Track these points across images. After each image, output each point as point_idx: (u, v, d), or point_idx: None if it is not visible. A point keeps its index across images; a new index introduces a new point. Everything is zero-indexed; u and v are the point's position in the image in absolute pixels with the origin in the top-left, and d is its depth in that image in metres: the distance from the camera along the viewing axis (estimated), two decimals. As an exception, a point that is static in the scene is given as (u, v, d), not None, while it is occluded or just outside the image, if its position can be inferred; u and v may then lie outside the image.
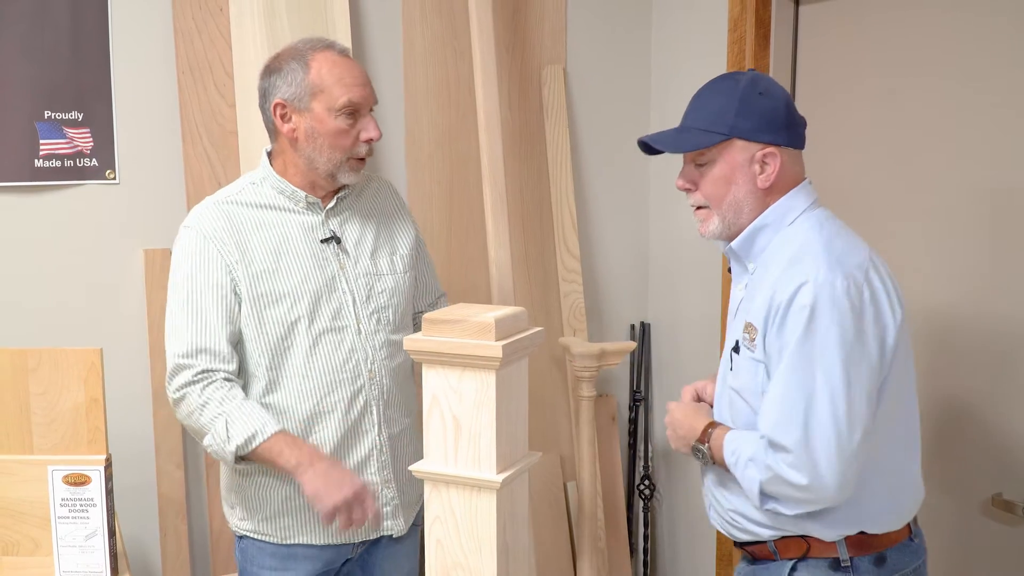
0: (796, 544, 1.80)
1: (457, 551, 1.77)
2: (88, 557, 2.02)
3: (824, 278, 1.68)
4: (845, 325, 1.66)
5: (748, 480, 1.74)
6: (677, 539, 3.33)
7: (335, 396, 2.10)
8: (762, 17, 2.79)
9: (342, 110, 2.04)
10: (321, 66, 2.05)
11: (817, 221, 1.81)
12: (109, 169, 2.59)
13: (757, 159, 1.80)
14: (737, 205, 1.83)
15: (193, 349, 2.01)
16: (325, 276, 2.10)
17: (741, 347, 1.81)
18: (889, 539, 1.79)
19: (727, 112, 1.80)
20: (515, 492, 1.80)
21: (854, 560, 1.77)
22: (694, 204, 1.88)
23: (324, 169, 2.08)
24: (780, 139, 1.80)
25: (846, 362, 1.66)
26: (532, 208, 3.11)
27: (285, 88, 2.05)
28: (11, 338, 2.39)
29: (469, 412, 1.73)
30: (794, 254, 1.75)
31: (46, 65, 2.49)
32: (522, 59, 3.08)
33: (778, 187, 1.83)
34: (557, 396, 3.17)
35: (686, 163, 1.88)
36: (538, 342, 1.83)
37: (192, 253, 2.06)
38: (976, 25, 2.34)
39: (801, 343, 1.67)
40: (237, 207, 2.10)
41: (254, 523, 2.14)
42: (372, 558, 2.23)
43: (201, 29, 2.62)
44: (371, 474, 2.14)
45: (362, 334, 2.13)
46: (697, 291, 3.11)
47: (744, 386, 1.81)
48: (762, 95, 1.81)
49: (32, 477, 2.01)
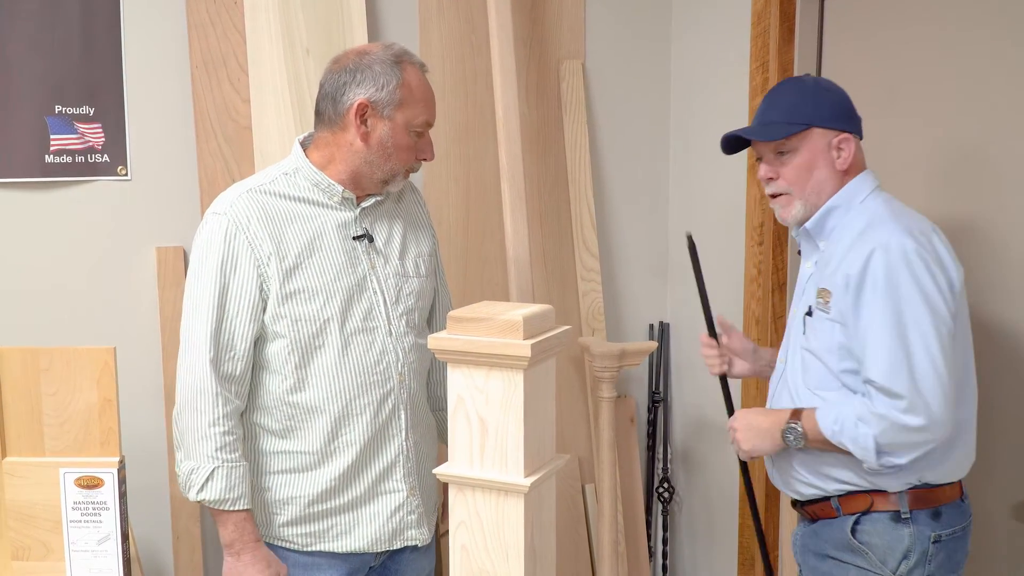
0: (861, 499, 1.96)
1: (483, 557, 1.71)
2: (101, 562, 1.98)
3: (896, 241, 1.87)
4: (921, 280, 1.84)
5: (862, 438, 1.86)
6: (696, 543, 3.28)
7: (365, 398, 2.04)
8: (787, 10, 2.74)
9: (418, 128, 2.04)
10: (411, 79, 2.03)
11: (883, 200, 2.01)
12: (121, 165, 2.54)
13: (834, 145, 2.01)
14: (819, 188, 2.03)
15: (219, 376, 1.96)
16: (357, 275, 2.05)
17: (815, 311, 2.00)
18: (944, 495, 1.96)
19: (802, 105, 2.02)
20: (543, 496, 1.75)
21: (913, 512, 1.93)
22: (773, 192, 2.07)
23: (380, 176, 2.05)
24: (850, 127, 2.03)
25: (930, 312, 1.84)
26: (550, 206, 3.07)
27: (375, 91, 2.00)
28: (22, 337, 2.35)
29: (496, 413, 1.67)
30: (865, 226, 1.95)
31: (57, 58, 2.45)
32: (540, 54, 3.03)
33: (851, 170, 2.03)
34: (575, 397, 3.12)
35: (766, 155, 2.06)
36: (565, 341, 1.78)
37: (220, 244, 1.97)
38: (1008, 17, 2.29)
39: (887, 300, 1.85)
40: (270, 197, 2.02)
41: (275, 528, 2.08)
42: (395, 565, 2.17)
43: (215, 23, 2.58)
44: (396, 481, 2.09)
45: (392, 335, 2.07)
46: (717, 291, 3.06)
47: (819, 346, 1.98)
48: (828, 91, 2.06)
49: (43, 480, 1.97)
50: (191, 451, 1.96)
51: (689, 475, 3.28)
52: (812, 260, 2.08)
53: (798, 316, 2.07)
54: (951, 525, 1.96)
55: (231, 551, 2.00)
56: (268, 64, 2.59)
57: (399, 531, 2.10)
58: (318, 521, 2.06)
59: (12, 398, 1.97)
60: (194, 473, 1.95)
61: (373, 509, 2.07)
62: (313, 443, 2.03)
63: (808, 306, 2.02)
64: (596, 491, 2.99)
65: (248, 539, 1.99)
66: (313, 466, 2.04)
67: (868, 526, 1.96)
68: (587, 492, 3.12)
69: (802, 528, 2.12)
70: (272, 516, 2.07)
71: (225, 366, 1.96)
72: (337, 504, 2.05)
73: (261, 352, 2.02)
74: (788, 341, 2.11)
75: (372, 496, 2.07)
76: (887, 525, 1.94)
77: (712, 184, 3.06)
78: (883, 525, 1.95)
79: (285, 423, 2.03)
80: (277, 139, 2.58)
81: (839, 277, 1.93)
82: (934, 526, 1.94)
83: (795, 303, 2.12)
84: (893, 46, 2.57)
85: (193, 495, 1.96)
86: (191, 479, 1.96)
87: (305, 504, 2.05)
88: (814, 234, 2.06)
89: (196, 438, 1.95)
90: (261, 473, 2.06)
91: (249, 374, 2.01)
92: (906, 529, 1.93)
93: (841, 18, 2.74)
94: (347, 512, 2.06)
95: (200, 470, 1.95)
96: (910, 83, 2.53)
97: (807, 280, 2.08)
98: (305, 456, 2.04)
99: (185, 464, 1.97)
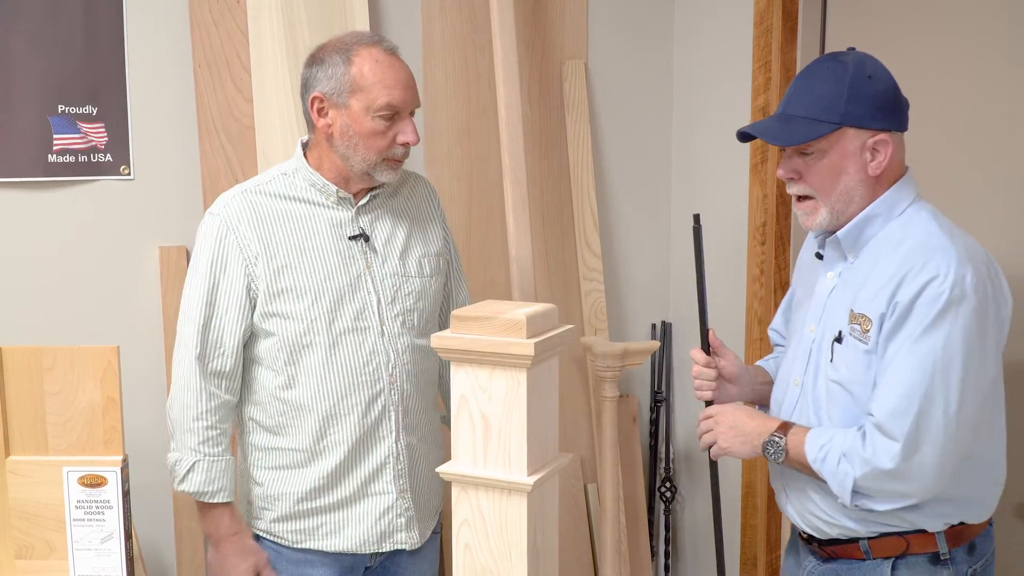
0: (894, 542, 1.78)
1: (486, 556, 1.71)
2: (104, 560, 1.98)
3: (956, 272, 1.65)
4: (971, 322, 1.65)
5: (841, 475, 1.71)
6: (699, 543, 3.28)
7: (353, 398, 2.05)
8: (789, 9, 2.74)
9: (380, 111, 1.98)
10: (364, 63, 1.99)
11: (929, 213, 1.77)
12: (124, 164, 2.54)
13: (868, 147, 1.74)
14: (848, 195, 1.77)
15: (206, 372, 2.02)
16: (350, 275, 2.05)
17: (848, 338, 1.76)
18: (978, 526, 1.80)
19: (837, 99, 1.73)
20: (546, 495, 1.75)
21: (951, 552, 1.77)
22: (797, 194, 1.82)
23: (359, 168, 2.03)
24: (891, 124, 1.75)
25: (967, 361, 1.65)
26: (553, 206, 3.07)
27: (325, 81, 2.00)
28: (25, 336, 2.35)
29: (499, 412, 1.67)
30: (915, 245, 1.71)
31: (59, 58, 2.45)
32: (543, 54, 3.03)
33: (887, 175, 1.78)
34: (577, 396, 3.12)
35: (788, 152, 1.80)
36: (568, 340, 1.78)
37: (212, 244, 2.03)
38: (1016, 16, 2.28)
39: (927, 336, 1.65)
40: (264, 197, 2.05)
41: (266, 523, 2.11)
42: (394, 566, 2.18)
43: (218, 22, 2.58)
44: (385, 483, 2.09)
45: (385, 336, 2.07)
46: (719, 290, 3.06)
47: (851, 379, 1.76)
48: (871, 78, 1.74)
49: (47, 478, 1.97)
50: (178, 442, 2.05)
51: (691, 475, 3.28)
52: (836, 271, 1.84)
53: (823, 339, 1.82)
54: (983, 555, 1.83)
55: (210, 541, 2.09)
56: (271, 63, 2.59)
57: (388, 533, 2.11)
58: (307, 519, 2.08)
59: (15, 397, 1.97)
60: (177, 464, 2.04)
61: (361, 510, 2.09)
62: (302, 440, 2.05)
63: (839, 331, 1.78)
64: (598, 491, 2.98)
65: (225, 531, 2.06)
66: (303, 463, 2.07)
67: (905, 570, 1.78)
68: (589, 492, 3.11)
69: (816, 565, 1.90)
70: (263, 511, 2.11)
71: (214, 362, 2.03)
72: (326, 503, 2.07)
73: (255, 348, 2.06)
74: (808, 364, 1.86)
75: (361, 497, 2.08)
76: (926, 569, 1.78)
77: (715, 183, 3.06)
78: (921, 569, 1.78)
79: (277, 419, 2.07)
80: (280, 138, 2.58)
81: (882, 303, 1.70)
82: (970, 561, 1.80)
83: (815, 320, 1.86)
84: (896, 45, 2.56)
85: (176, 485, 2.05)
86: (175, 469, 2.05)
87: (295, 501, 2.07)
88: (845, 245, 1.81)
89: (182, 430, 2.03)
90: (255, 467, 2.11)
91: (240, 370, 2.06)
92: (946, 570, 1.78)
93: (844, 18, 2.73)
94: (335, 511, 2.08)
95: (183, 462, 2.03)
96: (914, 82, 2.52)
97: (829, 295, 1.84)
98: (295, 453, 2.07)
99: (172, 455, 2.06)
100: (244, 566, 2.05)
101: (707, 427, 1.92)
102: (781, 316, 2.16)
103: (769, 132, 1.80)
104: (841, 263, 1.84)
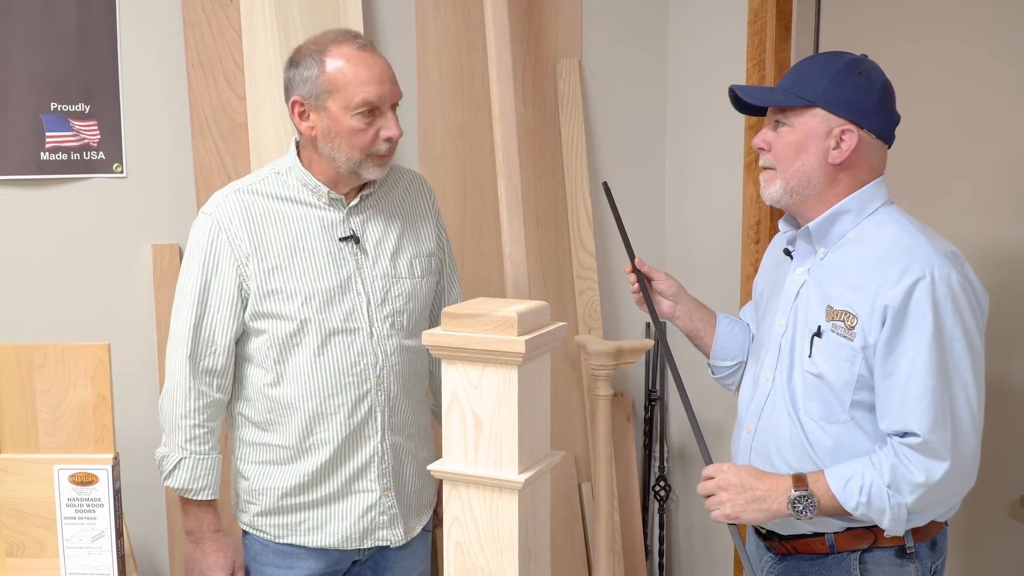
0: (863, 535, 1.80)
1: (477, 554, 1.71)
2: (95, 559, 1.97)
3: (940, 272, 1.68)
4: (965, 319, 1.69)
5: (895, 509, 1.71)
6: (693, 541, 3.28)
7: (339, 399, 2.05)
8: (783, 9, 2.74)
9: (358, 109, 1.96)
10: (337, 63, 1.96)
11: (900, 214, 1.81)
12: (116, 162, 2.54)
13: (835, 134, 1.78)
14: (804, 175, 1.81)
15: (197, 370, 2.05)
16: (340, 276, 2.05)
17: (828, 333, 1.78)
18: (939, 525, 1.85)
19: (818, 80, 1.79)
20: (537, 493, 1.74)
21: (916, 546, 1.80)
22: (763, 164, 1.87)
23: (345, 167, 2.02)
24: (864, 122, 1.78)
25: (971, 355, 1.70)
26: (547, 204, 3.06)
27: (301, 85, 1.99)
28: (17, 334, 2.35)
29: (490, 409, 1.67)
30: (894, 245, 1.74)
31: (52, 56, 2.44)
32: (536, 52, 3.02)
33: (852, 171, 1.81)
34: (572, 395, 3.12)
35: (768, 122, 1.86)
36: (560, 337, 1.77)
37: (204, 244, 2.03)
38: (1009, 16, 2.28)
39: (934, 343, 1.67)
40: (257, 197, 2.05)
41: (250, 517, 2.13)
42: (384, 561, 2.18)
43: (211, 20, 2.57)
44: (369, 481, 2.10)
45: (374, 337, 2.07)
46: (713, 288, 3.05)
47: (830, 373, 1.78)
48: (860, 75, 1.80)
49: (38, 476, 1.97)
50: (167, 438, 2.07)
51: (686, 473, 3.28)
52: (805, 267, 1.86)
53: (799, 333, 1.84)
54: (942, 553, 1.87)
55: (191, 538, 2.11)
56: (264, 61, 2.58)
57: (370, 531, 2.11)
58: (290, 514, 2.09)
59: (6, 394, 1.97)
60: (165, 459, 2.07)
61: (345, 507, 2.09)
62: (289, 438, 2.07)
63: (817, 325, 1.80)
64: (592, 489, 2.98)
65: (206, 529, 2.09)
66: (289, 460, 2.08)
67: (872, 564, 1.81)
68: (583, 490, 3.11)
69: (773, 564, 1.92)
70: (248, 504, 2.13)
71: (205, 361, 2.04)
72: (309, 499, 2.08)
73: (246, 345, 2.08)
74: (779, 357, 1.88)
75: (344, 494, 2.09)
76: (892, 562, 1.81)
77: (708, 181, 3.06)
78: (888, 562, 1.81)
79: (265, 415, 2.08)
80: (273, 136, 2.58)
81: (867, 302, 1.72)
82: (932, 557, 1.84)
83: (786, 315, 1.88)
84: (890, 44, 2.56)
85: (162, 480, 2.08)
86: (162, 464, 2.08)
87: (279, 496, 2.08)
88: (816, 238, 1.84)
89: (171, 427, 2.06)
90: (242, 461, 2.13)
91: (232, 368, 2.08)
92: (912, 564, 1.81)
93: (838, 16, 2.73)
94: (319, 508, 2.09)
95: (170, 457, 2.06)
96: (907, 82, 2.52)
97: (800, 289, 1.86)
98: (282, 450, 2.08)
99: (160, 449, 2.09)
100: (222, 563, 2.08)
101: (709, 490, 1.83)
102: (752, 308, 2.15)
103: (748, 92, 1.87)
104: (811, 258, 1.87)
